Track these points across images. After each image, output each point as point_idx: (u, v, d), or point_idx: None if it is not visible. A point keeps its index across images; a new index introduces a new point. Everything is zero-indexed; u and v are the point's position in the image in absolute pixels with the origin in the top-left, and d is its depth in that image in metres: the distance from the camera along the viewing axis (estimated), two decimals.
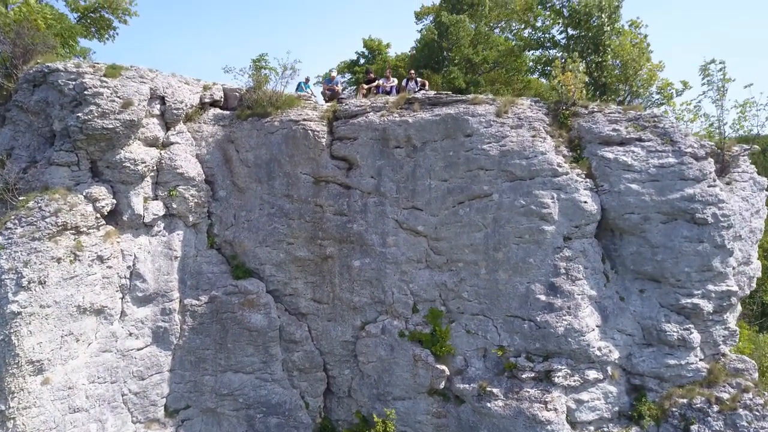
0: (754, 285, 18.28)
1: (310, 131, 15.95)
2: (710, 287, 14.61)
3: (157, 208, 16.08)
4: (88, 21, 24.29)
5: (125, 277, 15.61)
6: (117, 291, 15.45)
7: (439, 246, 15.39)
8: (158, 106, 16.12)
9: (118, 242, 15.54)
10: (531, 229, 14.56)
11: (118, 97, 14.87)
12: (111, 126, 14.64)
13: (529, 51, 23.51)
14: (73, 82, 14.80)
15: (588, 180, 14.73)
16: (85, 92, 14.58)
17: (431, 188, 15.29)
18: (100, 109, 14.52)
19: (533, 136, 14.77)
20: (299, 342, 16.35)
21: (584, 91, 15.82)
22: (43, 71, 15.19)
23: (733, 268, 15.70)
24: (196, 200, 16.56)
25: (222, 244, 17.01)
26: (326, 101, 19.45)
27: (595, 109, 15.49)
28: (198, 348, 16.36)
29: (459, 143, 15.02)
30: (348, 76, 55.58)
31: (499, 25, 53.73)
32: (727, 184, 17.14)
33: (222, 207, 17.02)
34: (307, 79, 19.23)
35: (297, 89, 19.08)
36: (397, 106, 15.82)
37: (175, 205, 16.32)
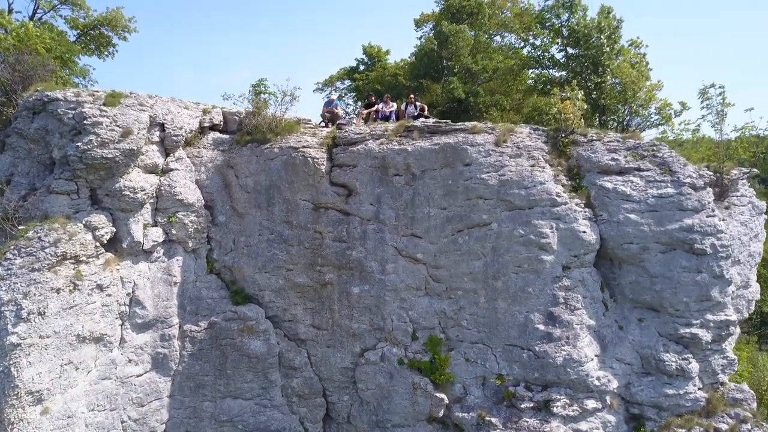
0: (752, 308, 18.34)
1: (309, 158, 15.96)
2: (709, 317, 14.64)
3: (157, 234, 16.10)
4: (88, 38, 24.31)
5: (125, 304, 15.62)
6: (116, 318, 15.46)
7: (439, 274, 15.41)
8: (158, 133, 16.13)
9: (117, 269, 15.57)
10: (530, 258, 14.59)
11: (118, 126, 14.88)
12: (110, 155, 14.66)
13: (528, 69, 23.48)
14: (73, 111, 14.81)
15: (587, 209, 14.75)
16: (85, 121, 14.60)
17: (430, 216, 15.31)
18: (99, 139, 14.54)
19: (532, 166, 14.80)
20: (298, 368, 16.37)
21: (583, 120, 15.83)
22: (42, 100, 15.19)
23: (732, 292, 15.74)
24: (195, 226, 16.58)
25: (221, 269, 17.03)
26: (326, 124, 19.50)
27: (594, 137, 15.52)
28: (197, 374, 16.38)
29: (458, 172, 15.05)
30: (348, 82, 55.80)
31: (499, 33, 53.87)
32: (726, 208, 17.17)
33: (221, 232, 17.04)
34: (341, 96, 19.27)
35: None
36: (397, 134, 15.84)
37: (174, 231, 16.33)
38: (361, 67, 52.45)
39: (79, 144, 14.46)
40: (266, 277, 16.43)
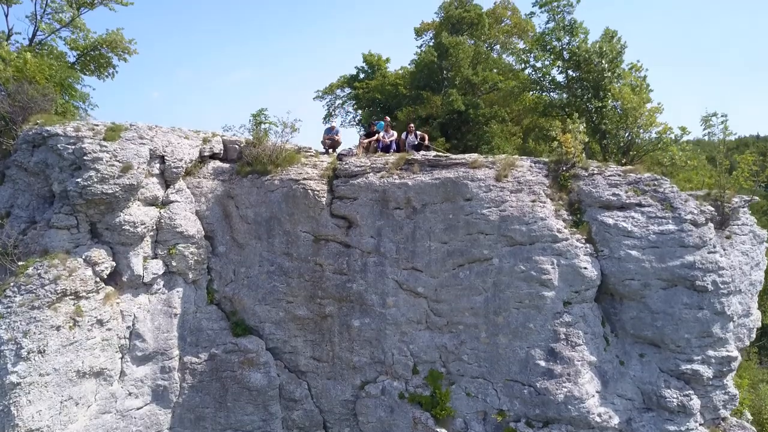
0: (754, 336, 18.31)
1: (310, 191, 15.94)
2: (710, 353, 14.60)
3: (157, 267, 16.06)
4: (88, 59, 24.24)
5: (125, 338, 15.58)
6: (116, 352, 15.42)
7: (440, 308, 15.38)
8: (158, 165, 16.10)
9: (117, 303, 15.53)
10: (531, 294, 14.55)
11: (118, 161, 14.86)
12: (110, 191, 14.63)
13: (529, 92, 23.44)
14: (73, 146, 14.78)
15: (588, 245, 14.71)
16: (85, 157, 14.57)
17: (431, 250, 15.27)
18: (99, 174, 14.52)
19: (533, 201, 14.76)
20: (299, 400, 16.34)
21: (584, 146, 15.77)
22: (42, 134, 15.16)
23: (733, 327, 15.70)
24: (195, 258, 16.54)
25: (222, 299, 17.00)
26: (326, 150, 19.48)
27: (595, 171, 15.47)
28: (198, 406, 16.35)
29: (459, 207, 15.01)
30: (348, 90, 55.83)
31: (499, 42, 53.86)
32: (727, 237, 17.12)
33: (222, 262, 17.00)
34: (386, 119, 19.14)
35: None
36: (397, 167, 15.81)
37: (174, 263, 16.30)
38: (361, 75, 52.54)
39: (78, 180, 14.44)
40: (266, 309, 16.40)
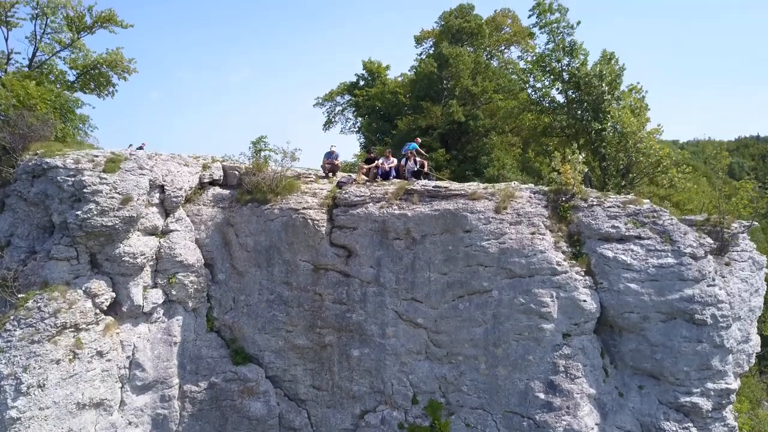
0: (753, 361, 18.32)
1: (310, 220, 15.95)
2: (709, 385, 14.61)
3: (157, 296, 16.08)
4: (87, 77, 24.24)
5: (124, 367, 15.59)
6: (116, 382, 15.43)
7: (439, 339, 15.39)
8: (158, 195, 16.12)
9: (117, 333, 15.54)
10: (530, 327, 14.57)
11: (118, 192, 14.88)
12: (110, 223, 14.64)
13: (529, 112, 23.44)
14: (72, 179, 14.80)
15: (587, 278, 14.72)
16: (84, 190, 14.59)
17: (431, 281, 15.29)
18: (99, 207, 14.53)
19: (532, 234, 14.77)
20: (299, 429, 16.34)
21: (583, 186, 15.80)
22: (42, 166, 15.17)
23: (732, 354, 15.71)
24: (195, 286, 16.56)
25: (221, 327, 17.02)
26: (326, 174, 19.49)
27: (594, 203, 15.47)
28: None
29: (458, 238, 15.02)
30: (348, 97, 55.82)
31: (499, 50, 53.76)
32: (727, 264, 17.14)
33: (221, 290, 17.02)
34: (417, 140, 19.29)
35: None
36: (397, 197, 15.82)
37: (174, 292, 16.31)
38: (361, 83, 52.56)
39: (78, 212, 14.45)
40: (266, 338, 16.42)
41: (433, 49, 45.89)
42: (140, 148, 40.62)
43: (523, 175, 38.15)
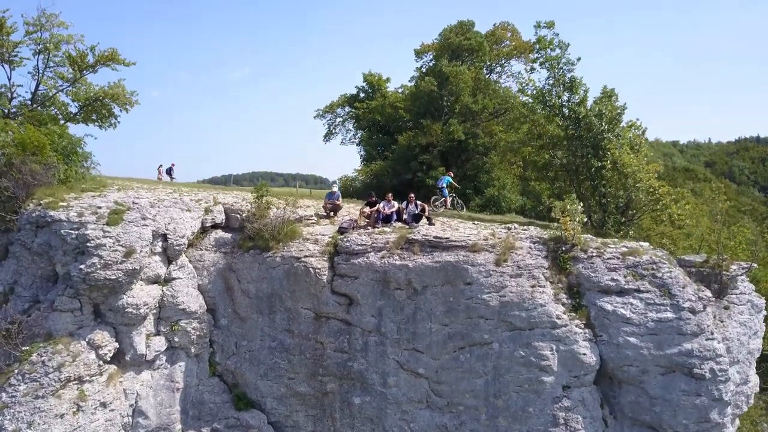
0: (752, 401, 18.46)
1: (311, 268, 16.06)
2: None
3: (160, 344, 16.19)
4: (90, 109, 24.32)
5: (128, 416, 15.71)
6: (120, 430, 15.55)
7: (440, 389, 15.51)
8: (160, 244, 16.23)
9: (120, 382, 15.66)
10: (530, 379, 14.69)
11: (121, 245, 14.98)
12: (114, 277, 14.75)
13: (529, 146, 23.51)
14: (76, 232, 14.90)
15: (587, 330, 14.83)
16: (88, 243, 14.69)
17: (432, 332, 15.40)
18: (102, 261, 14.64)
19: (532, 286, 14.88)
20: None
21: (582, 238, 15.90)
22: (46, 219, 15.27)
23: (730, 405, 15.82)
24: (198, 332, 16.67)
25: (224, 371, 17.15)
26: (327, 214, 19.61)
27: (594, 254, 15.58)
28: None
29: (459, 290, 15.14)
30: (348, 109, 55.94)
31: (499, 63, 53.81)
32: (725, 308, 17.27)
33: (224, 335, 17.15)
34: (450, 173, 19.52)
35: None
36: (398, 246, 15.92)
37: (177, 339, 16.43)
38: (362, 95, 52.69)
39: (82, 266, 14.55)
40: (268, 384, 16.55)
41: (433, 62, 46.08)
42: (170, 169, 40.82)
43: (523, 198, 38.31)
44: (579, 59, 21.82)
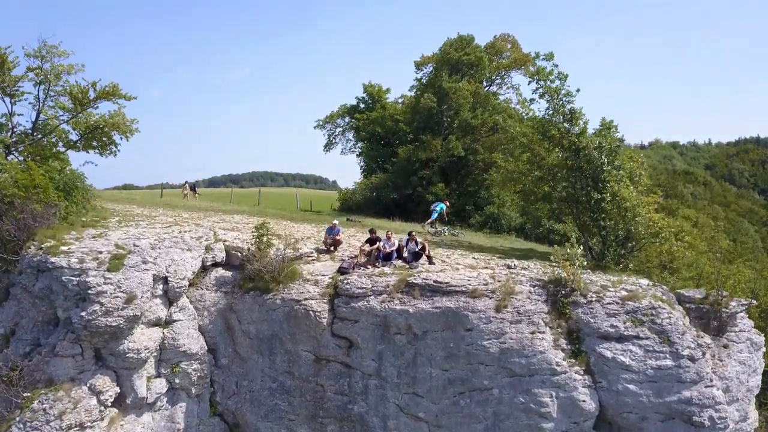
0: None
1: (311, 311, 16.09)
2: None
3: (161, 386, 16.23)
4: (90, 136, 24.32)
5: None
6: None
7: None
8: (161, 287, 16.25)
9: (122, 425, 15.69)
10: (530, 425, 14.75)
11: (122, 292, 15.01)
12: (115, 323, 14.78)
13: (529, 176, 23.53)
14: (77, 278, 14.93)
15: (586, 376, 14.89)
16: (89, 291, 14.71)
17: (432, 376, 15.45)
18: (103, 308, 14.66)
19: (532, 333, 14.94)
20: None
21: (582, 281, 15.95)
22: (47, 265, 15.31)
23: (731, 428, 15.87)
24: (199, 373, 16.71)
25: (224, 411, 17.19)
26: (327, 249, 19.66)
27: (594, 299, 15.63)
28: None
29: (459, 336, 15.19)
30: (348, 119, 56.00)
31: (499, 75, 53.88)
32: (725, 347, 17.36)
33: (224, 375, 17.20)
34: (446, 202, 20.64)
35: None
36: (398, 290, 15.96)
37: (178, 381, 16.47)
38: (362, 106, 52.82)
39: (83, 313, 14.58)
40: (269, 426, 16.59)
41: (433, 73, 46.17)
42: (194, 185, 41.50)
43: (523, 217, 38.35)
44: (578, 90, 21.90)
